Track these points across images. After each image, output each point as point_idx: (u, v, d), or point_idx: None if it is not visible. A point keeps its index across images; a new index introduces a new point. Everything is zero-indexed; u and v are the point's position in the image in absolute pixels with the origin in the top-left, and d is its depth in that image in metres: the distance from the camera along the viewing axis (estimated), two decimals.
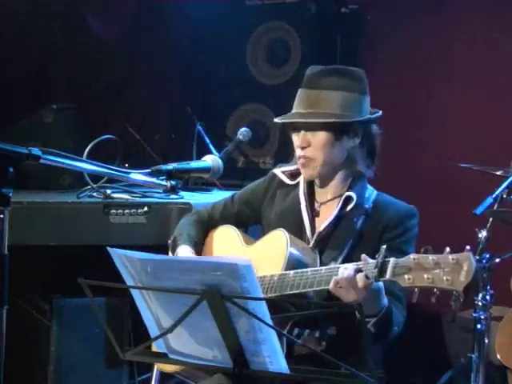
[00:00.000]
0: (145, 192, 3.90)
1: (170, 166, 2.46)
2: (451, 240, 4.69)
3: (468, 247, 2.27)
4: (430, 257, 2.28)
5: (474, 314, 3.37)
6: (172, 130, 5.25)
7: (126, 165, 4.00)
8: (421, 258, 2.30)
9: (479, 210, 3.17)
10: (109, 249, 2.22)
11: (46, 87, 4.96)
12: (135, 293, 2.25)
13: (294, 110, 2.81)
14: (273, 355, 2.11)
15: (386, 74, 5.10)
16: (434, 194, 4.91)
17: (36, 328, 3.99)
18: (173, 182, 2.43)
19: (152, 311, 2.22)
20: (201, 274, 2.05)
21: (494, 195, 3.27)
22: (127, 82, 5.15)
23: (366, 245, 2.71)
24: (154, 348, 2.37)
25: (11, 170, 2.13)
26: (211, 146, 4.30)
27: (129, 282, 2.22)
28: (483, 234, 3.41)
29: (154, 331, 2.25)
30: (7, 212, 2.15)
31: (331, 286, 2.44)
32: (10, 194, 2.14)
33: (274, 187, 2.95)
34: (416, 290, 2.30)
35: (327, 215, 2.79)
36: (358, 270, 2.43)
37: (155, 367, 3.21)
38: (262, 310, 2.05)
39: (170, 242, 2.98)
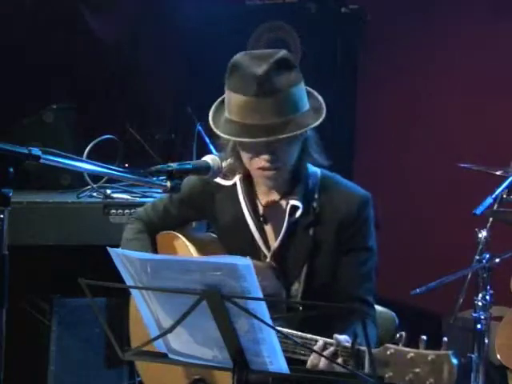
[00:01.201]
0: (145, 192, 3.91)
1: (170, 166, 2.45)
2: (451, 240, 4.73)
3: (445, 339, 2.17)
4: (408, 355, 2.14)
5: (474, 314, 3.37)
6: (172, 130, 5.26)
7: (126, 165, 4.01)
8: (397, 352, 2.15)
9: (479, 210, 3.17)
10: (109, 249, 2.22)
11: (46, 87, 4.96)
12: (135, 293, 2.25)
13: (244, 121, 2.50)
14: (273, 355, 2.11)
15: (386, 74, 5.11)
16: (434, 193, 4.92)
17: (36, 328, 3.99)
18: (173, 182, 2.42)
19: (152, 311, 2.22)
20: (201, 274, 2.05)
21: (493, 195, 3.27)
22: (127, 82, 5.15)
23: (325, 251, 2.63)
24: (155, 348, 2.37)
25: (11, 169, 2.13)
26: (211, 146, 4.30)
27: (129, 282, 2.21)
28: (483, 233, 3.41)
29: (154, 331, 2.25)
30: (7, 212, 2.14)
31: (308, 364, 2.31)
32: (10, 194, 2.14)
33: (211, 191, 2.76)
34: None
35: (276, 224, 2.67)
36: (335, 355, 2.26)
37: None
38: (262, 309, 2.05)
39: None
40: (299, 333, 2.35)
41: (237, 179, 2.71)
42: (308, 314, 2.46)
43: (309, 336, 2.33)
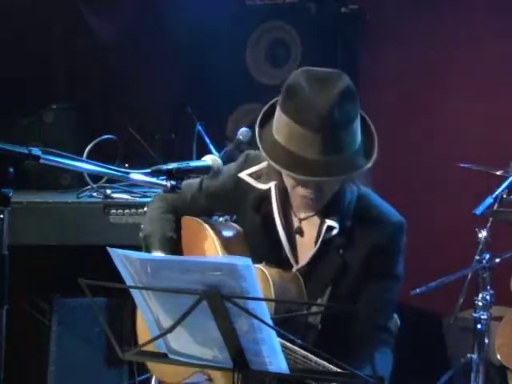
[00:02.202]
0: (145, 192, 3.91)
1: (170, 166, 2.45)
2: (451, 240, 4.73)
3: None
4: None
5: (474, 314, 3.37)
6: (172, 130, 5.26)
7: (126, 165, 4.01)
8: None
9: (479, 210, 3.17)
10: (109, 249, 2.22)
11: (46, 87, 4.96)
12: (135, 293, 2.25)
13: (302, 152, 2.36)
14: (272, 355, 2.11)
15: (386, 74, 5.11)
16: (434, 194, 4.92)
17: (36, 328, 3.99)
18: (173, 182, 2.41)
19: (152, 311, 2.22)
20: (201, 274, 2.05)
21: (493, 195, 3.27)
22: (127, 82, 5.15)
23: (352, 274, 2.58)
24: (155, 348, 2.37)
25: (11, 169, 2.13)
26: (211, 146, 4.30)
27: (129, 282, 2.21)
28: (483, 233, 3.41)
29: (153, 331, 2.25)
30: (7, 212, 2.14)
31: None
32: (10, 194, 2.13)
33: (242, 191, 2.68)
34: None
35: (308, 238, 2.61)
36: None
37: (153, 378, 3.14)
38: (262, 310, 2.05)
39: (141, 235, 2.85)
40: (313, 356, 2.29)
41: (272, 185, 2.61)
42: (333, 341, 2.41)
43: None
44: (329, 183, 2.49)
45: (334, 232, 2.56)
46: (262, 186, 2.62)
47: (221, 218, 3.20)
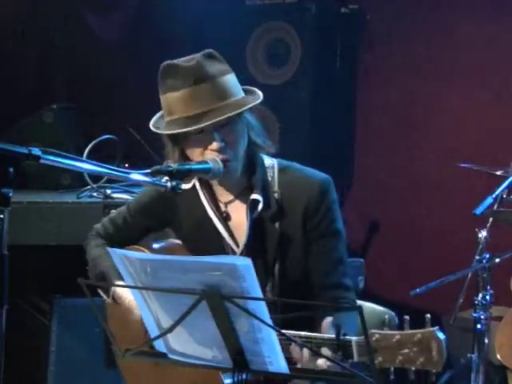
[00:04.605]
0: None
1: (171, 167, 2.46)
2: (451, 240, 4.72)
3: (428, 315, 2.15)
4: (394, 338, 2.09)
5: (474, 314, 3.37)
6: None
7: (126, 165, 4.01)
8: (383, 336, 2.10)
9: (479, 210, 3.17)
10: (109, 249, 2.22)
11: (46, 87, 4.96)
12: (135, 293, 2.25)
13: (187, 113, 2.53)
14: (272, 355, 2.11)
15: (386, 74, 5.11)
16: (434, 194, 4.92)
17: (36, 328, 3.99)
18: (173, 183, 2.42)
19: (152, 311, 2.22)
20: (200, 274, 2.05)
21: (493, 195, 3.27)
22: (127, 82, 5.15)
23: (295, 243, 2.61)
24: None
25: (11, 169, 2.13)
26: None
27: (129, 281, 2.21)
28: (483, 233, 3.41)
29: (153, 331, 2.25)
30: (7, 212, 2.14)
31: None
32: (10, 194, 2.13)
33: (169, 198, 2.71)
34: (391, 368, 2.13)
35: (240, 221, 2.64)
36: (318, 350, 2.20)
37: None
38: (262, 310, 2.05)
39: (92, 276, 2.82)
40: (302, 332, 2.32)
41: (195, 181, 2.68)
42: (290, 313, 2.42)
43: (309, 334, 2.28)
44: (226, 133, 2.53)
45: (260, 205, 2.59)
46: (186, 186, 2.64)
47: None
